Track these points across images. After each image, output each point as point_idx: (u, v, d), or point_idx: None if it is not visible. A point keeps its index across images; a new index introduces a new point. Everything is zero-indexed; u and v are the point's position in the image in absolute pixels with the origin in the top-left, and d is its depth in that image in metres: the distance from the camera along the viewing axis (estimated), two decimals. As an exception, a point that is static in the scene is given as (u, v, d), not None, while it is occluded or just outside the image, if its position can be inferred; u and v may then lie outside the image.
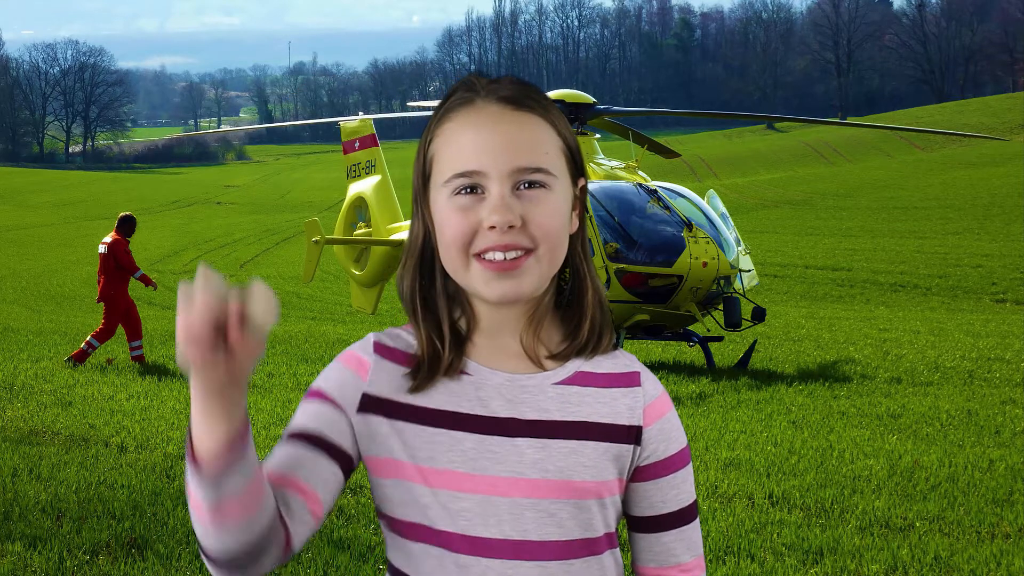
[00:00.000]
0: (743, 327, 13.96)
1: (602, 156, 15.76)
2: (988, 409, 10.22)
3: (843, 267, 32.61)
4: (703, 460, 7.83)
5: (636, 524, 1.65)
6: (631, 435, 1.59)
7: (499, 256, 1.50)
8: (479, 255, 1.51)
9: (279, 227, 58.65)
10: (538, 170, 1.52)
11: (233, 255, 47.93)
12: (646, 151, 16.67)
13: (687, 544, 1.66)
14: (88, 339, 13.47)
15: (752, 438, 8.74)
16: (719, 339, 14.37)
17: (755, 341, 14.89)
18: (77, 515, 6.12)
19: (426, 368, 1.55)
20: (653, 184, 14.42)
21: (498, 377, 1.56)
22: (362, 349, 1.60)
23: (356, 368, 1.58)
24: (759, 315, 13.77)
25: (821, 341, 16.78)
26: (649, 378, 1.64)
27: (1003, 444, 8.61)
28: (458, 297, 1.59)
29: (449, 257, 1.54)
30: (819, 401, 10.91)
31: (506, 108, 1.54)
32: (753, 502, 6.66)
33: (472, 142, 1.52)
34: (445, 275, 1.58)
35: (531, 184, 1.52)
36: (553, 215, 1.53)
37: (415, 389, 1.55)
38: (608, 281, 13.55)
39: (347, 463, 1.55)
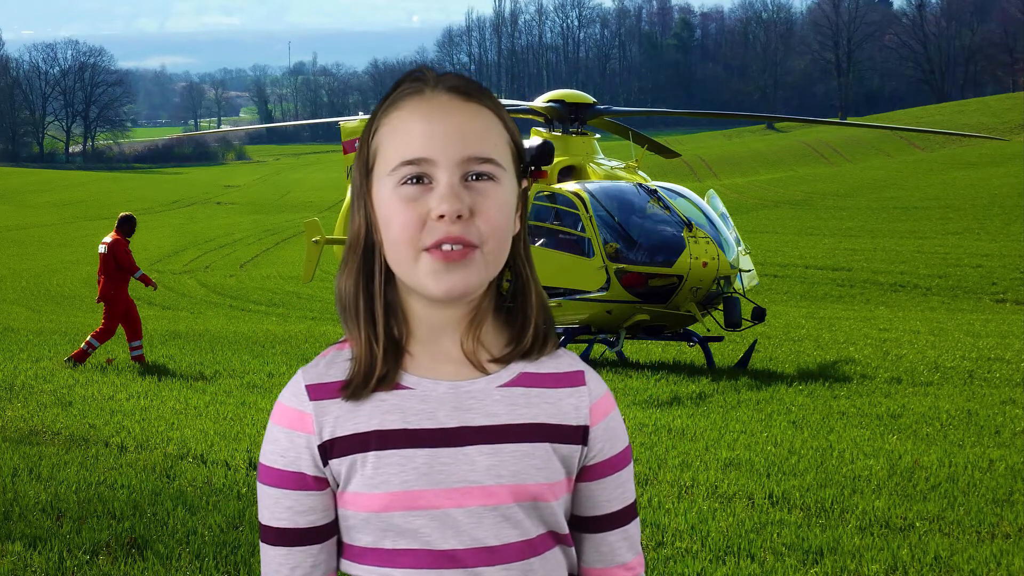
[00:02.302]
0: (743, 327, 13.96)
1: (602, 156, 15.75)
2: (988, 409, 10.21)
3: (843, 267, 32.60)
4: (703, 460, 7.83)
5: (581, 524, 1.63)
6: (578, 435, 1.57)
7: (446, 248, 1.47)
8: (427, 250, 1.48)
9: (279, 227, 58.66)
10: (488, 160, 1.49)
11: (233, 255, 47.93)
12: (646, 151, 16.67)
13: (630, 543, 1.65)
14: (88, 339, 13.47)
15: (752, 438, 8.74)
16: (719, 339, 14.37)
17: (755, 341, 14.88)
18: (77, 515, 6.12)
19: (361, 377, 1.52)
20: (653, 184, 14.42)
21: (441, 387, 1.53)
22: (297, 401, 1.55)
23: (300, 427, 1.54)
24: (759, 315, 13.76)
25: (821, 341, 16.78)
26: (593, 377, 1.62)
27: (1003, 444, 8.61)
28: (394, 305, 1.55)
29: (396, 251, 1.50)
30: (819, 401, 10.91)
31: (456, 98, 1.52)
32: (753, 502, 6.66)
33: (421, 130, 1.49)
34: (384, 277, 1.54)
35: (479, 176, 1.49)
36: (501, 209, 1.50)
37: (349, 397, 1.52)
38: (608, 281, 13.56)
39: (336, 526, 1.58)
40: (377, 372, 1.51)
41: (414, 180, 1.48)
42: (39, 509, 6.27)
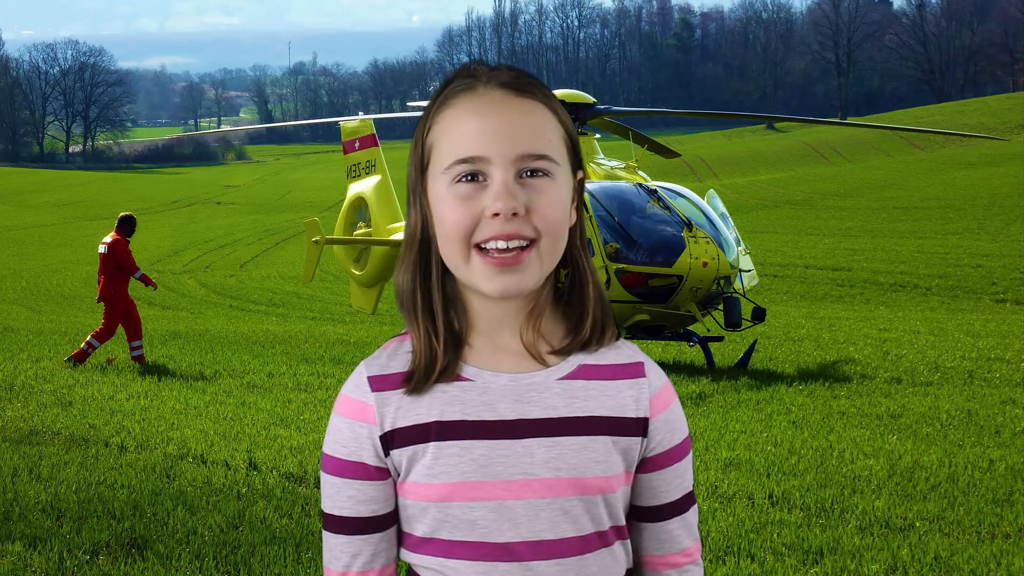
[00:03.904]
0: (743, 327, 13.95)
1: (602, 156, 15.74)
2: (988, 409, 10.21)
3: (843, 267, 32.60)
4: (703, 460, 7.83)
5: (640, 514, 1.64)
6: (638, 427, 1.58)
7: (501, 244, 1.47)
8: (480, 246, 1.49)
9: (279, 227, 58.64)
10: (542, 157, 1.50)
11: (233, 255, 47.92)
12: (646, 151, 16.66)
13: (688, 529, 1.67)
14: (88, 339, 13.47)
15: (752, 438, 8.74)
16: (719, 339, 14.37)
17: (755, 341, 14.88)
18: (77, 515, 6.12)
19: (423, 370, 1.53)
20: (653, 184, 14.42)
21: (501, 379, 1.54)
22: (359, 392, 1.56)
23: (362, 418, 1.55)
24: (759, 315, 13.76)
25: (821, 341, 16.77)
26: (653, 368, 1.62)
27: (1003, 444, 8.61)
28: (454, 298, 1.56)
29: (449, 249, 1.51)
30: (819, 401, 10.90)
31: (509, 94, 1.52)
32: (753, 502, 6.66)
33: (475, 128, 1.49)
34: (442, 272, 1.55)
35: (534, 172, 1.49)
36: (556, 205, 1.50)
37: (411, 391, 1.53)
38: (608, 281, 13.55)
39: (397, 516, 1.60)
40: (438, 365, 1.53)
41: (469, 178, 1.49)
42: (39, 509, 6.27)
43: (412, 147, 1.57)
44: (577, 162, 1.58)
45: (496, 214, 1.47)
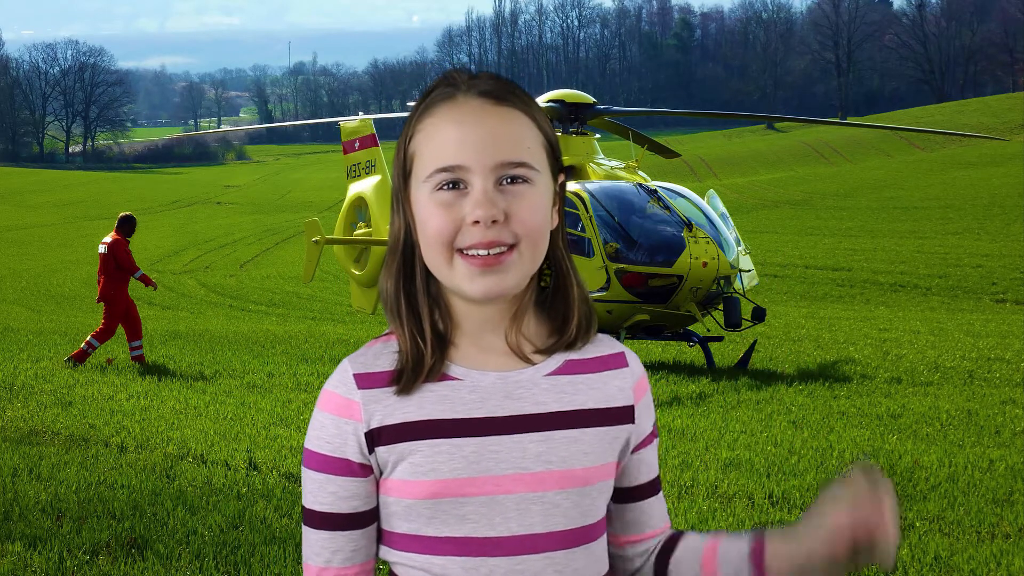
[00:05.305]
0: (743, 327, 13.95)
1: (602, 156, 15.74)
2: (988, 409, 10.21)
3: (843, 267, 32.60)
4: (703, 460, 7.83)
5: (627, 496, 1.68)
6: (625, 415, 1.62)
7: (482, 252, 1.50)
8: (462, 251, 1.51)
9: (279, 227, 58.65)
10: (521, 164, 1.52)
11: (233, 255, 47.93)
12: (646, 151, 16.66)
13: (662, 509, 1.71)
14: (88, 339, 13.48)
15: (752, 438, 8.74)
16: (719, 339, 14.37)
17: (755, 341, 14.87)
18: (77, 515, 6.12)
19: (410, 370, 1.54)
20: (653, 184, 14.41)
21: (489, 377, 1.56)
22: (344, 389, 1.56)
23: (348, 414, 1.55)
24: (759, 315, 13.76)
25: (821, 341, 16.77)
26: (632, 357, 1.67)
27: (1003, 444, 8.61)
28: (439, 299, 1.58)
29: (432, 254, 1.53)
30: (819, 401, 10.90)
31: (488, 102, 1.54)
32: (753, 502, 6.66)
33: (454, 137, 1.52)
34: (426, 275, 1.57)
35: (514, 179, 1.51)
36: (536, 210, 1.52)
37: (401, 392, 1.54)
38: (608, 281, 13.56)
39: (378, 513, 1.60)
40: (426, 365, 1.54)
41: (449, 186, 1.51)
42: (39, 509, 6.27)
43: (395, 154, 1.60)
44: (558, 166, 1.60)
45: (476, 222, 1.49)
